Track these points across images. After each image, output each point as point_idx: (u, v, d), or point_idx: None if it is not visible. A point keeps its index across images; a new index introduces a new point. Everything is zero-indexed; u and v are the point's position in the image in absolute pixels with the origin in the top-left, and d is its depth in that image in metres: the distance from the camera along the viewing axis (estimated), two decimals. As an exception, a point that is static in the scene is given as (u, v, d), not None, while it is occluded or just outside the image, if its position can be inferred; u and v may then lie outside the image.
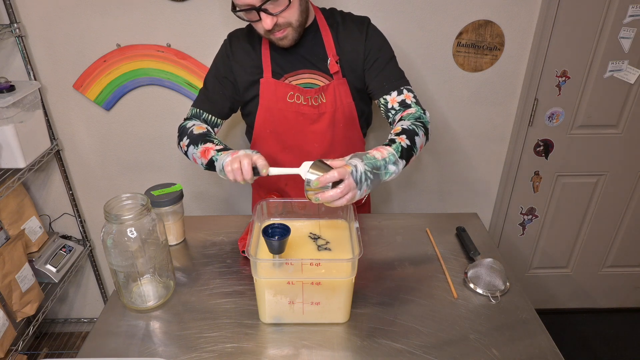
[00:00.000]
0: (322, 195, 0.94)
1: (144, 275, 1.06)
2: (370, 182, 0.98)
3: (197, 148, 1.20)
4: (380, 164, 1.00)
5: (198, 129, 1.25)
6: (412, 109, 1.19)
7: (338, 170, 0.93)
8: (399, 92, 1.23)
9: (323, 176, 0.94)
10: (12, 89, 1.54)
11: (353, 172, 0.95)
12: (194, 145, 1.21)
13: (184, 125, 1.30)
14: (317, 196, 0.95)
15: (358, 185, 0.95)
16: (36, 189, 1.93)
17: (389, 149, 1.03)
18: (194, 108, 1.33)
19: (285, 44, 1.19)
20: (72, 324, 2.25)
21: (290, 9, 1.12)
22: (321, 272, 0.96)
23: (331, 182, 0.94)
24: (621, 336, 2.18)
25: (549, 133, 1.89)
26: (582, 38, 1.69)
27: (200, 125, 1.28)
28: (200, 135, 1.22)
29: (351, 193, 0.95)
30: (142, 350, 0.96)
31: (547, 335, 0.99)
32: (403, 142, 1.06)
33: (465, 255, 1.24)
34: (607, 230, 2.13)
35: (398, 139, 1.07)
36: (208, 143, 1.19)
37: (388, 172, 1.01)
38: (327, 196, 0.94)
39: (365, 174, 0.96)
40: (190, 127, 1.26)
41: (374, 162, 0.99)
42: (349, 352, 0.95)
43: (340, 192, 0.93)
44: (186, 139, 1.24)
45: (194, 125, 1.27)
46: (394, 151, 1.03)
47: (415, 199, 2.04)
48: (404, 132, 1.09)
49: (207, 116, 1.32)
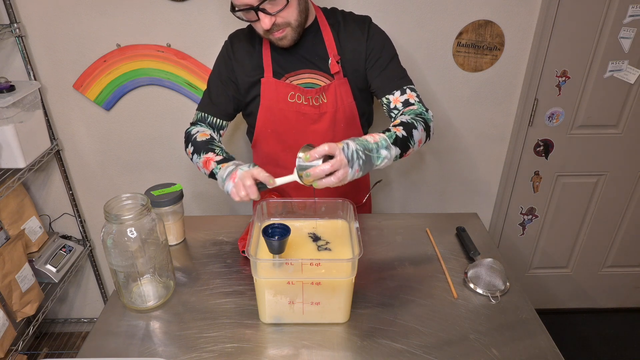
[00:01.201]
0: (313, 171, 0.92)
1: (144, 275, 1.06)
2: (362, 163, 0.96)
3: (200, 157, 1.20)
4: (372, 147, 0.98)
5: (201, 136, 1.25)
6: (414, 107, 1.20)
7: (329, 144, 0.92)
8: (402, 91, 1.23)
9: (314, 149, 0.92)
10: (12, 89, 1.54)
11: (344, 148, 0.94)
12: (197, 154, 1.22)
13: (189, 131, 1.30)
14: (308, 172, 0.93)
15: (350, 163, 0.93)
16: (36, 189, 1.93)
17: (381, 135, 1.02)
18: (199, 112, 1.33)
19: (285, 44, 1.19)
20: (72, 324, 2.25)
21: (288, 8, 1.12)
22: (321, 272, 0.96)
23: (322, 159, 0.92)
24: (621, 336, 2.18)
25: (549, 133, 1.89)
26: (582, 38, 1.69)
27: (204, 132, 1.27)
28: (203, 143, 1.22)
29: (342, 170, 0.92)
30: (142, 350, 0.96)
31: (547, 335, 0.99)
32: (399, 132, 1.05)
33: (465, 255, 1.24)
34: (607, 230, 2.13)
35: (393, 129, 1.06)
36: (209, 153, 1.19)
37: (380, 157, 0.99)
38: (318, 171, 0.92)
39: (356, 152, 0.95)
40: (194, 135, 1.26)
41: (365, 144, 0.98)
42: (349, 352, 0.95)
43: (330, 166, 0.91)
44: (190, 146, 1.25)
45: (197, 132, 1.27)
46: (386, 137, 1.02)
47: (415, 199, 2.04)
48: (402, 124, 1.09)
49: (212, 119, 1.31)
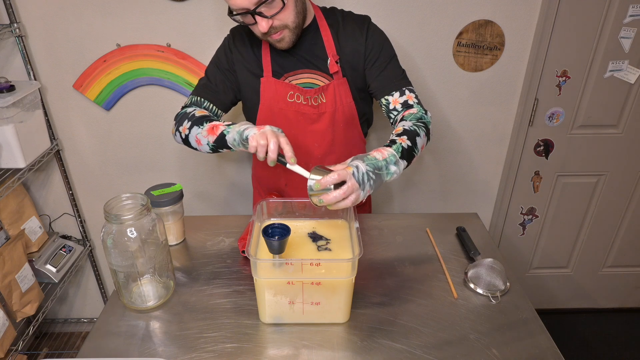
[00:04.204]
0: (326, 197, 0.94)
1: (144, 275, 1.06)
2: (372, 183, 0.97)
3: (203, 127, 1.14)
4: (381, 165, 0.99)
5: (200, 112, 1.20)
6: (414, 109, 1.20)
7: (338, 172, 0.93)
8: (401, 92, 1.23)
9: (323, 178, 0.93)
10: (12, 89, 1.54)
11: (354, 172, 0.95)
12: (198, 125, 1.15)
13: (182, 112, 1.23)
14: (320, 198, 0.95)
15: (361, 186, 0.95)
16: (36, 189, 1.93)
17: (389, 150, 1.03)
18: (194, 96, 1.27)
19: (283, 46, 1.19)
20: (72, 324, 2.25)
21: (285, 11, 1.11)
22: (321, 272, 0.96)
23: (332, 185, 0.93)
24: (621, 336, 2.18)
25: (549, 133, 1.89)
26: (582, 38, 1.69)
27: (201, 110, 1.22)
28: (204, 116, 1.18)
29: (355, 194, 0.94)
30: (142, 350, 0.96)
31: (547, 335, 0.99)
32: (404, 142, 1.06)
33: (466, 255, 1.24)
34: (607, 230, 2.13)
35: (399, 140, 1.06)
36: (214, 122, 1.15)
37: (389, 173, 1.01)
38: (331, 197, 0.93)
39: (367, 175, 0.96)
40: (192, 112, 1.20)
41: (375, 162, 0.99)
42: (349, 352, 0.95)
43: (342, 193, 0.93)
44: (187, 122, 1.18)
45: (195, 109, 1.22)
46: (394, 152, 1.03)
47: (415, 199, 2.04)
48: (405, 132, 1.09)
49: (208, 105, 1.26)
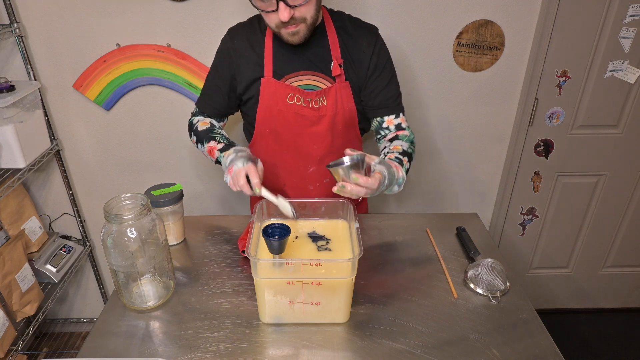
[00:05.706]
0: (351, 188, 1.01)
1: (144, 275, 1.06)
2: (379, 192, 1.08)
3: (204, 146, 1.27)
4: (394, 182, 1.12)
5: (202, 125, 1.32)
6: (406, 132, 1.30)
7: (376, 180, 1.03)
8: (397, 115, 1.31)
9: (363, 179, 1.01)
10: (12, 89, 1.54)
11: (382, 182, 1.06)
12: (201, 143, 1.28)
13: (191, 120, 1.37)
14: (344, 185, 1.01)
15: (374, 191, 1.05)
16: (36, 189, 1.93)
17: (402, 172, 1.15)
18: (197, 107, 1.39)
19: (296, 40, 1.17)
20: (72, 324, 2.25)
21: (308, 4, 1.11)
22: (321, 272, 0.96)
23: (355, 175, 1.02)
24: (621, 336, 2.18)
25: (549, 133, 1.89)
26: (582, 38, 1.69)
27: (204, 120, 1.34)
28: (204, 132, 1.29)
29: (365, 192, 1.03)
30: (142, 350, 0.96)
31: (547, 335, 0.99)
32: (406, 164, 1.19)
33: (465, 255, 1.24)
34: (607, 230, 2.13)
35: (404, 160, 1.19)
36: (211, 141, 1.25)
37: (392, 190, 1.14)
38: (355, 191, 1.01)
39: (384, 186, 1.09)
40: (196, 124, 1.33)
41: (392, 179, 1.10)
42: (349, 352, 0.95)
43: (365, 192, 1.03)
44: (193, 136, 1.32)
45: (198, 121, 1.34)
46: (404, 175, 1.15)
47: (415, 199, 2.04)
48: (406, 154, 1.21)
49: (206, 116, 1.37)
